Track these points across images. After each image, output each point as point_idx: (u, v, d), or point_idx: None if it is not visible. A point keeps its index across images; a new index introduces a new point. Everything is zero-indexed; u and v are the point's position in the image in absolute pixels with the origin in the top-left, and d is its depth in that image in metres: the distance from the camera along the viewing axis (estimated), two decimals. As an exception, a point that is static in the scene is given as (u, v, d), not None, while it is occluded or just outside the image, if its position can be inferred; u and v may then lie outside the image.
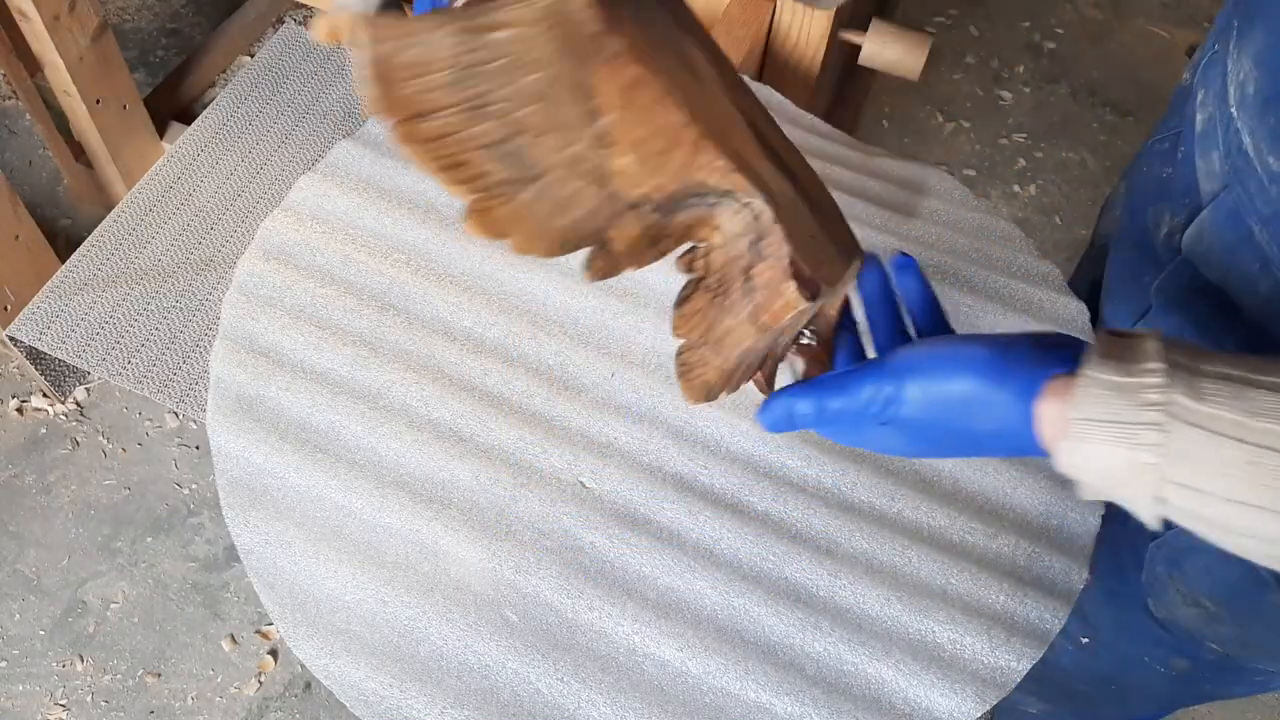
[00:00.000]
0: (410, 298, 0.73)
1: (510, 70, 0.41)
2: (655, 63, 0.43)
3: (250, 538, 0.64)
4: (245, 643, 1.39)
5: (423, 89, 0.40)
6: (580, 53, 0.41)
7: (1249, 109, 0.57)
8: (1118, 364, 0.44)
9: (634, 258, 0.47)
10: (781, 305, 0.47)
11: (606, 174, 0.44)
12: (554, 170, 0.43)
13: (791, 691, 0.60)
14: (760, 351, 0.51)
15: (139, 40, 1.96)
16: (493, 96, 0.41)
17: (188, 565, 1.44)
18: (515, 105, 0.42)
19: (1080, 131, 1.95)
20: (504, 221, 0.43)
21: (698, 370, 0.50)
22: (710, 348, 0.49)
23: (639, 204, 0.45)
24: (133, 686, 1.36)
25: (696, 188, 0.46)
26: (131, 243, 1.42)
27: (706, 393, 0.50)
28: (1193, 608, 0.70)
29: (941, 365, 0.48)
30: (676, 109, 0.43)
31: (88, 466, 1.51)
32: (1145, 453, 0.43)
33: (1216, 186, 0.60)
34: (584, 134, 0.43)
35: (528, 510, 0.65)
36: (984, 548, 0.65)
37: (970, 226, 0.80)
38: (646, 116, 0.43)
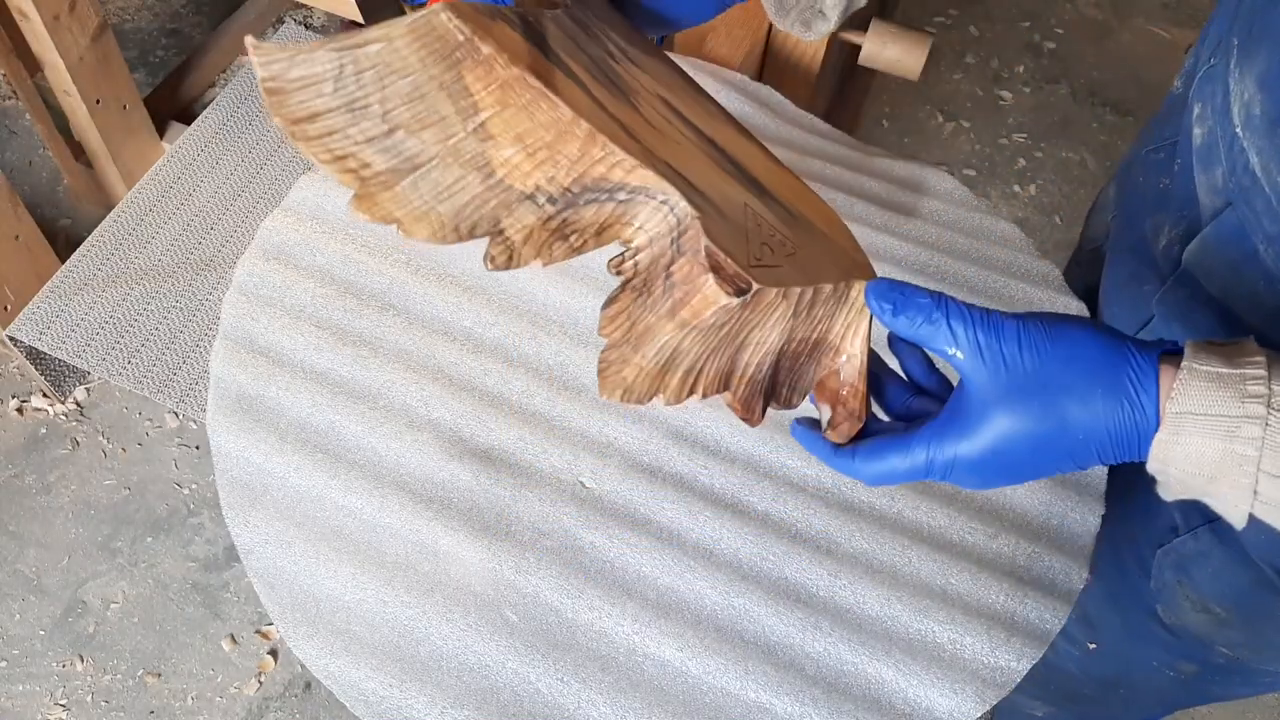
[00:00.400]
0: (410, 298, 0.73)
1: (383, 74, 0.47)
2: (535, 65, 0.47)
3: (250, 538, 0.64)
4: (245, 643, 1.39)
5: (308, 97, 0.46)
6: (451, 58, 0.47)
7: (1256, 129, 0.56)
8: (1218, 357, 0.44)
9: (536, 249, 0.49)
10: (700, 300, 0.47)
11: (490, 165, 0.48)
12: (435, 159, 0.47)
13: (791, 691, 0.60)
14: (702, 356, 0.50)
15: (139, 40, 1.96)
16: (369, 98, 0.47)
17: (188, 565, 1.44)
18: (390, 106, 0.47)
19: (1080, 131, 1.95)
20: (387, 204, 0.47)
21: (615, 367, 0.51)
22: (630, 345, 0.50)
23: (533, 195, 0.48)
24: (133, 686, 1.36)
25: (599, 182, 0.48)
26: (131, 243, 1.42)
27: (623, 390, 0.50)
28: (1202, 613, 0.70)
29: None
30: (558, 105, 0.46)
31: (88, 466, 1.51)
32: (1245, 445, 0.42)
33: (1219, 203, 0.60)
34: (462, 128, 0.47)
35: (528, 510, 0.65)
36: (984, 548, 0.65)
37: (970, 226, 0.80)
38: (527, 113, 0.47)
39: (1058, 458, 0.48)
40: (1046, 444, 0.47)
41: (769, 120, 0.86)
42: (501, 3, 0.54)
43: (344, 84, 0.47)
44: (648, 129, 0.50)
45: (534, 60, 0.48)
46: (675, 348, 0.49)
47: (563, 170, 0.48)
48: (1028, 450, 0.47)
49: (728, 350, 0.51)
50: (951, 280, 0.76)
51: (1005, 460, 0.48)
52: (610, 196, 0.49)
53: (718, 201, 0.49)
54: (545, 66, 0.48)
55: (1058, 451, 0.47)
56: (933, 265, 0.77)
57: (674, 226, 0.48)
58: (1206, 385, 0.43)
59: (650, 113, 0.52)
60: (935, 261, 0.77)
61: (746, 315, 0.49)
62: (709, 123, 0.54)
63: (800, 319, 0.51)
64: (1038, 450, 0.47)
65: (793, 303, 0.50)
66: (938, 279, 0.76)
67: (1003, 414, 0.47)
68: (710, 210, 0.48)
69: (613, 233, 0.50)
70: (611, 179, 0.48)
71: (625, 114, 0.49)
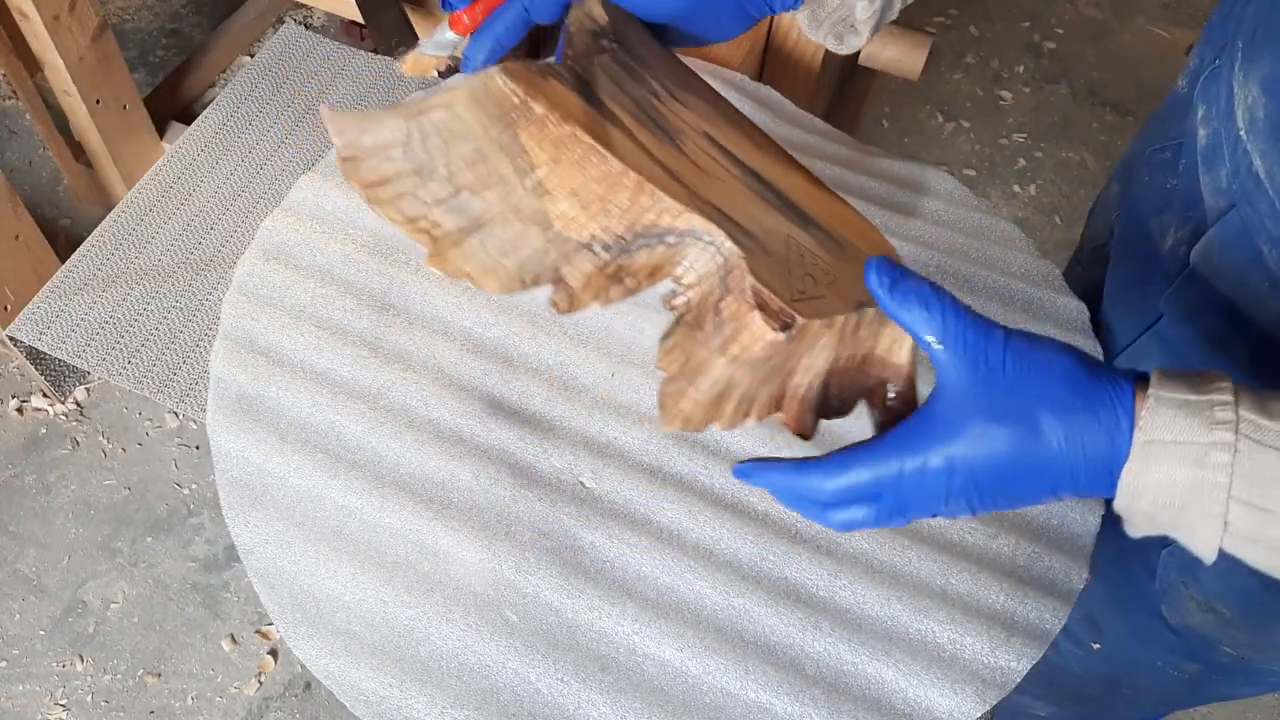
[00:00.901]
0: (410, 298, 0.73)
1: (447, 139, 0.50)
2: (585, 120, 0.50)
3: (250, 538, 0.64)
4: (245, 643, 1.40)
5: (380, 163, 0.50)
6: (507, 119, 0.50)
7: (1259, 133, 0.56)
8: (1185, 385, 0.44)
9: (595, 293, 0.52)
10: (748, 336, 0.49)
11: (549, 218, 0.51)
12: (498, 217, 0.51)
13: (791, 691, 0.60)
14: (754, 386, 0.51)
15: (139, 40, 1.96)
16: (435, 163, 0.50)
17: (188, 565, 1.45)
18: (455, 168, 0.50)
19: (1080, 131, 1.95)
20: (457, 261, 0.51)
21: (673, 399, 0.52)
22: (686, 379, 0.52)
23: (589, 244, 0.51)
24: (133, 686, 1.36)
25: (650, 228, 0.51)
26: (131, 243, 1.42)
27: (683, 421, 0.52)
28: (1208, 614, 0.70)
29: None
30: (608, 158, 0.49)
31: (88, 466, 1.51)
32: (1216, 472, 0.42)
33: (1223, 204, 0.60)
34: (521, 185, 0.50)
35: (528, 510, 0.65)
36: (984, 548, 0.65)
37: (970, 226, 0.80)
38: (579, 167, 0.50)
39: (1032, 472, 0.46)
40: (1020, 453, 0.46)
41: (769, 120, 0.86)
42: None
43: (412, 150, 0.50)
44: (692, 170, 0.52)
45: (584, 115, 0.50)
46: (728, 379, 0.51)
47: (615, 219, 0.50)
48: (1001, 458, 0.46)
49: (778, 377, 0.52)
50: (952, 280, 0.76)
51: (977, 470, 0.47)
52: (661, 240, 0.51)
53: (761, 237, 0.51)
54: (595, 120, 0.50)
55: (1031, 463, 0.46)
56: (933, 265, 0.77)
57: (721, 265, 0.50)
58: (1175, 413, 0.43)
59: (694, 151, 0.53)
60: (935, 261, 0.77)
61: (793, 346, 0.51)
62: (750, 152, 0.55)
63: (846, 340, 0.52)
64: (1012, 460, 0.46)
65: (837, 329, 0.51)
66: (938, 278, 0.76)
67: (977, 416, 0.46)
68: (754, 247, 0.50)
69: (664, 273, 0.52)
70: (661, 224, 0.50)
71: (671, 157, 0.51)
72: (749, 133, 0.57)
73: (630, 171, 0.49)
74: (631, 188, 0.50)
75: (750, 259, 0.50)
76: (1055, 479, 0.46)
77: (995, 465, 0.46)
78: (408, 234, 0.51)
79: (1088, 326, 0.75)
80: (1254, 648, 0.72)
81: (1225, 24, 0.63)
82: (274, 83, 1.59)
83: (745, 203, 0.53)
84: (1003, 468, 0.46)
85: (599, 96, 0.51)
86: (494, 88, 0.49)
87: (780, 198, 0.54)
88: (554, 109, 0.49)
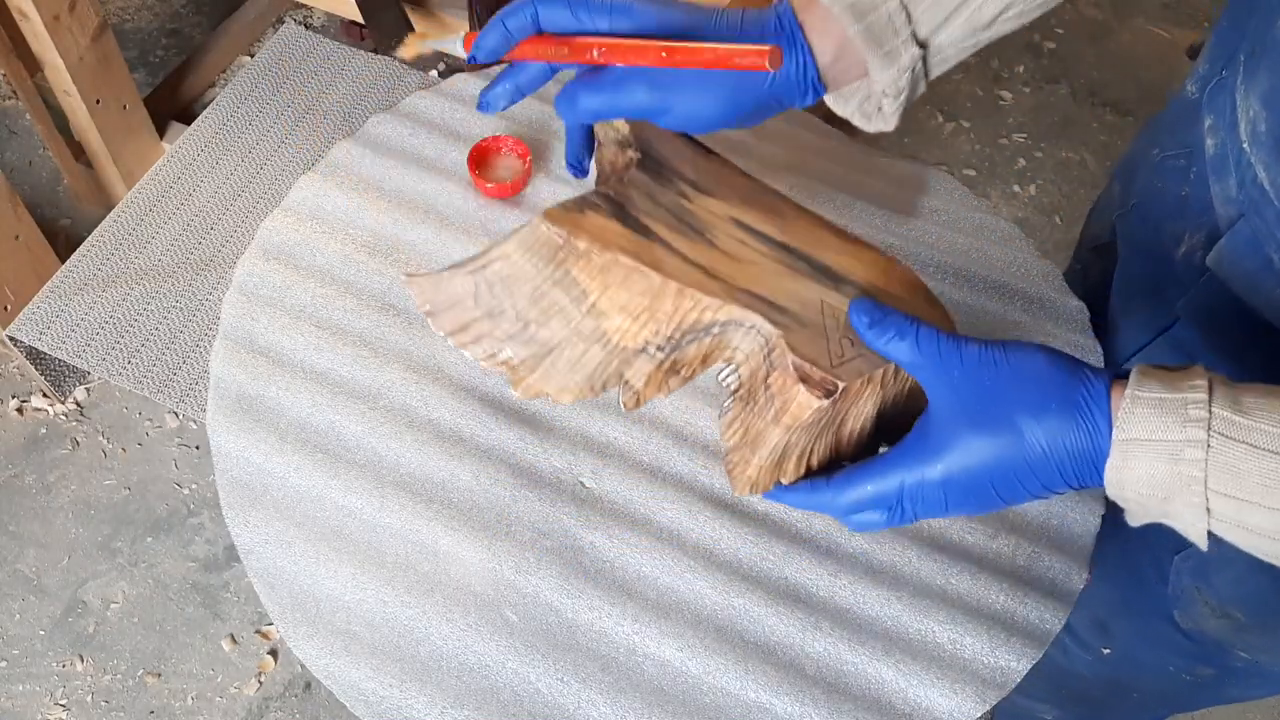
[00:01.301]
0: (410, 298, 0.73)
1: (509, 284, 0.56)
2: (624, 244, 0.55)
3: (250, 537, 0.64)
4: (245, 643, 1.40)
5: (457, 313, 0.58)
6: (556, 258, 0.55)
7: (1262, 145, 0.57)
8: (1162, 383, 0.45)
9: (658, 387, 0.58)
10: (796, 407, 0.54)
11: (606, 335, 0.56)
12: (563, 341, 0.57)
13: (791, 691, 0.60)
14: (810, 441, 0.56)
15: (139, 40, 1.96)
16: (503, 305, 0.57)
17: (188, 565, 1.45)
18: (519, 307, 0.57)
19: (1080, 131, 1.95)
20: (536, 384, 0.58)
21: (739, 468, 0.58)
22: (748, 447, 0.57)
23: (644, 348, 0.57)
24: (133, 686, 1.36)
25: (695, 325, 0.56)
26: (131, 243, 1.42)
27: (750, 486, 0.57)
28: (1221, 619, 0.70)
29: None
30: (648, 274, 0.54)
31: (88, 466, 1.51)
32: (1191, 466, 0.44)
33: (1233, 213, 0.61)
34: (578, 312, 0.56)
35: (528, 510, 0.65)
36: (984, 548, 0.65)
37: (970, 226, 0.80)
38: (625, 287, 0.55)
39: (1020, 474, 0.49)
40: (1006, 458, 0.49)
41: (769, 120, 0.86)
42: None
43: (481, 298, 0.57)
44: (726, 261, 0.57)
45: (623, 238, 0.55)
46: (786, 444, 0.56)
47: (663, 324, 0.56)
48: (989, 464, 0.49)
49: (832, 428, 0.57)
50: (951, 279, 0.77)
51: (971, 478, 0.50)
52: (706, 332, 0.56)
53: (797, 311, 0.56)
54: (633, 240, 0.55)
55: (1018, 466, 0.49)
56: (933, 265, 0.77)
57: (764, 345, 0.56)
58: (1149, 412, 0.45)
59: (725, 241, 0.58)
60: (935, 261, 0.77)
61: (841, 404, 0.55)
62: (779, 224, 0.60)
63: (889, 383, 0.56)
64: (999, 465, 0.49)
65: (879, 381, 0.56)
66: (938, 278, 0.76)
67: (963, 428, 0.50)
68: (791, 323, 0.55)
69: (715, 358, 0.58)
70: (704, 320, 0.56)
71: (705, 255, 0.57)
72: (773, 204, 0.61)
73: (670, 281, 0.54)
74: (673, 294, 0.55)
75: (788, 336, 0.54)
76: (1045, 477, 0.49)
77: (985, 472, 0.49)
78: (490, 367, 0.58)
79: (1088, 326, 0.75)
80: (1269, 651, 0.72)
81: (1231, 35, 0.63)
82: (274, 83, 1.59)
83: (778, 280, 0.57)
84: (992, 473, 0.49)
85: (634, 215, 0.57)
86: (540, 233, 0.55)
87: (811, 263, 0.58)
88: (595, 241, 0.54)
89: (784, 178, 0.81)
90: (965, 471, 0.50)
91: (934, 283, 0.76)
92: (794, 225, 0.60)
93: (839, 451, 0.58)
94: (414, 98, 0.84)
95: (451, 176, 0.79)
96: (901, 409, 0.59)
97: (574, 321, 0.56)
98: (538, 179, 0.80)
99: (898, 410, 0.59)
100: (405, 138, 0.81)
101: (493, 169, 0.79)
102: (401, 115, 0.83)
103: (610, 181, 0.60)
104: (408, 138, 0.81)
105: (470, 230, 0.77)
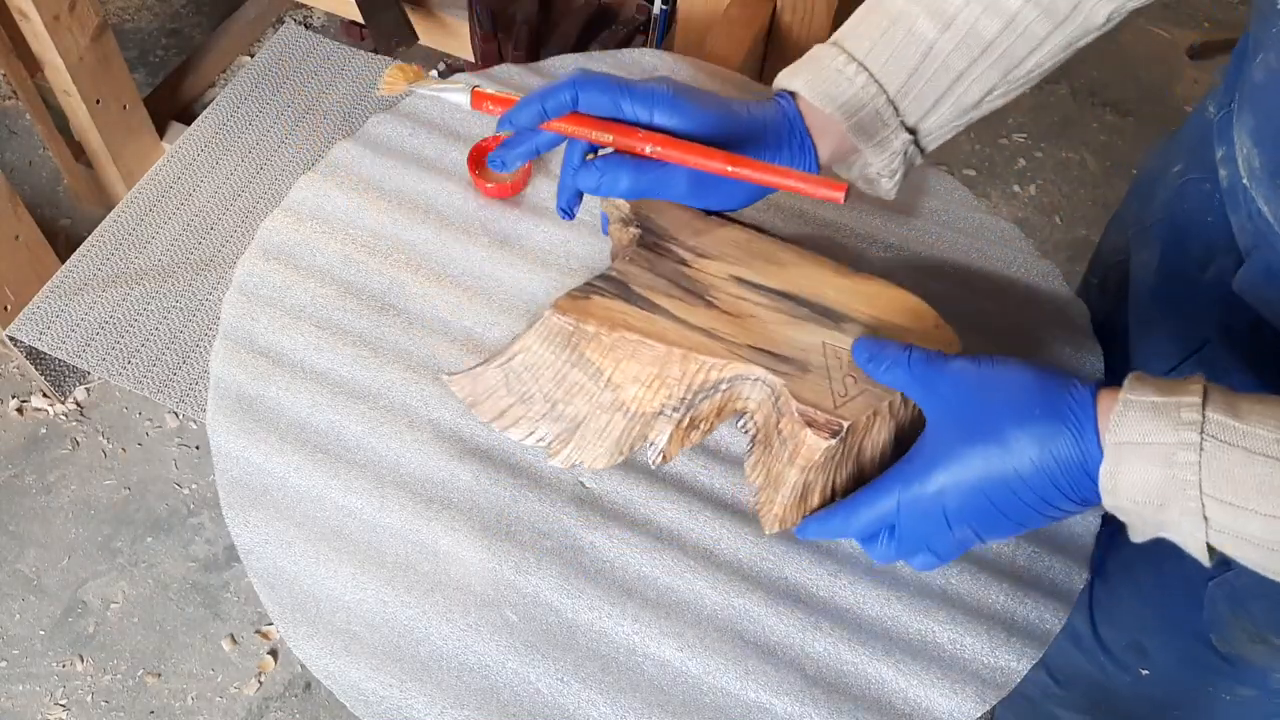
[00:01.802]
0: (410, 298, 0.73)
1: (534, 372, 0.63)
2: (628, 320, 0.60)
3: (250, 537, 0.64)
4: (245, 643, 1.40)
5: (493, 401, 0.65)
6: (570, 342, 0.61)
7: (1260, 181, 0.58)
8: (1155, 389, 0.45)
9: (680, 443, 0.64)
10: (808, 449, 0.58)
11: (625, 404, 0.62)
12: (588, 415, 0.63)
13: (791, 691, 0.60)
14: (831, 475, 0.60)
15: (139, 40, 1.96)
16: (531, 390, 0.64)
17: (188, 565, 1.45)
18: (546, 389, 0.63)
19: (1080, 131, 1.95)
20: (569, 455, 0.64)
21: (766, 507, 0.62)
22: (772, 488, 0.62)
23: (661, 411, 0.62)
24: (133, 686, 1.36)
25: (704, 384, 0.61)
26: (131, 243, 1.42)
27: (779, 523, 0.62)
28: (1259, 644, 0.69)
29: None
30: (653, 345, 0.59)
31: (88, 466, 1.51)
32: (1184, 470, 0.44)
33: (1248, 243, 0.61)
34: (597, 387, 0.62)
35: (528, 510, 0.65)
36: (984, 548, 0.65)
37: (970, 226, 0.80)
38: (635, 359, 0.60)
39: (1013, 484, 0.49)
40: (996, 467, 0.49)
41: (769, 120, 0.86)
42: None
43: (512, 386, 0.64)
44: (726, 320, 0.61)
45: (627, 316, 0.60)
46: (805, 482, 0.60)
47: (674, 387, 0.61)
48: (980, 475, 0.50)
49: (850, 459, 0.60)
50: (951, 280, 0.77)
51: (964, 490, 0.51)
52: (716, 390, 0.61)
53: (799, 357, 0.60)
54: (637, 316, 0.61)
55: (1009, 476, 0.49)
56: (933, 265, 0.77)
57: (771, 394, 0.60)
58: (1142, 415, 0.45)
59: (725, 300, 0.62)
60: (935, 261, 0.77)
61: (852, 438, 0.59)
62: (778, 273, 0.64)
63: (899, 410, 0.59)
64: (990, 475, 0.50)
65: (887, 411, 0.59)
66: (938, 279, 0.76)
67: (954, 442, 0.51)
68: (793, 370, 0.59)
69: (730, 410, 0.63)
70: (711, 379, 0.61)
71: (706, 318, 0.61)
72: (771, 253, 0.65)
73: (674, 349, 0.59)
74: (679, 360, 0.60)
75: (791, 384, 0.58)
76: (1040, 488, 0.49)
77: (978, 483, 0.50)
78: (529, 443, 0.65)
79: (1088, 327, 0.75)
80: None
81: (1238, 67, 0.63)
82: (274, 83, 1.59)
83: (779, 329, 0.61)
84: (984, 484, 0.50)
85: (636, 291, 0.62)
86: (553, 324, 0.61)
87: (812, 306, 0.62)
88: (602, 323, 0.60)
89: (784, 178, 0.81)
90: (958, 485, 0.51)
91: (934, 283, 0.76)
92: (793, 271, 0.64)
93: (863, 479, 0.61)
94: (414, 98, 0.84)
95: (451, 176, 0.79)
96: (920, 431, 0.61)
97: (595, 396, 0.62)
98: (538, 179, 0.80)
99: (916, 432, 0.61)
100: (405, 138, 0.81)
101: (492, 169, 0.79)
102: (401, 115, 0.83)
103: (619, 257, 0.65)
104: (408, 138, 0.81)
105: (470, 230, 0.77)
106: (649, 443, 0.64)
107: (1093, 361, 0.73)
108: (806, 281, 0.63)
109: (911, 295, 0.63)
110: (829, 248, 0.77)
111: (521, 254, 0.76)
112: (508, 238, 0.76)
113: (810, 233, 0.79)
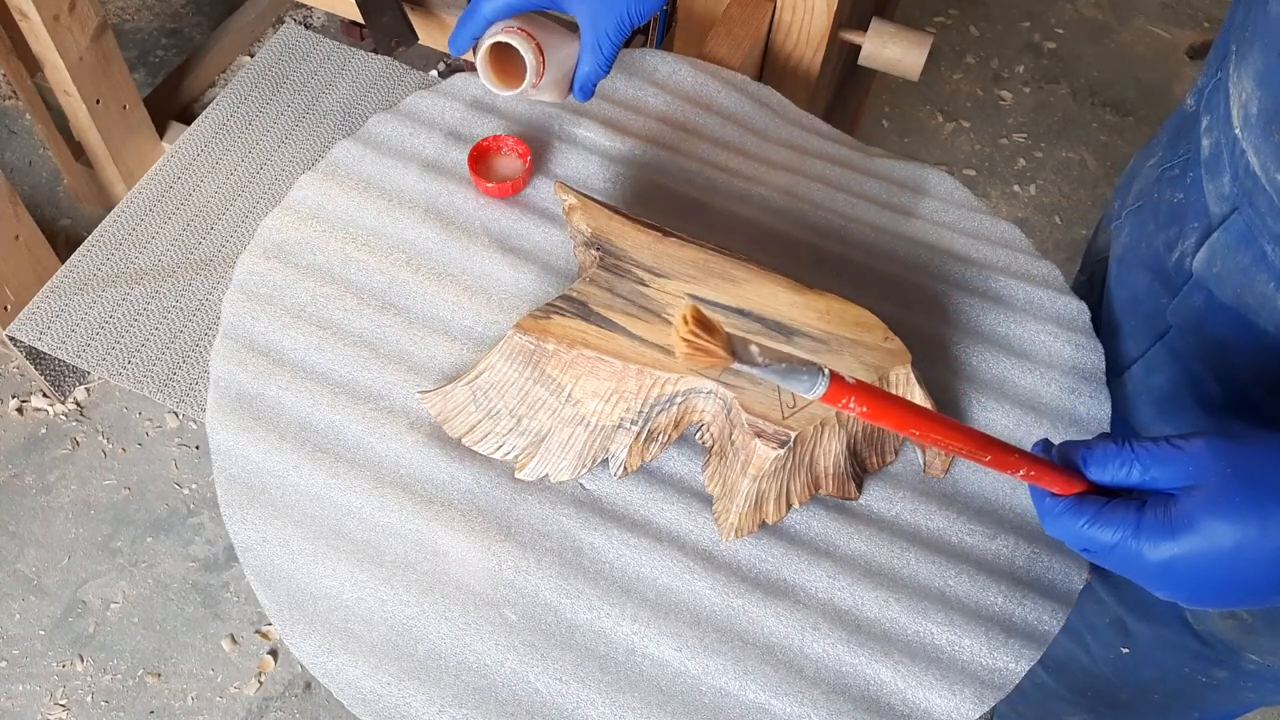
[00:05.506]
0: (410, 298, 0.73)
1: (499, 389, 0.65)
2: (587, 338, 0.62)
3: (248, 535, 0.64)
4: (245, 643, 1.40)
5: (463, 416, 0.66)
6: (532, 359, 0.64)
7: (1253, 129, 0.57)
8: None
9: (640, 455, 0.65)
10: (758, 458, 0.60)
11: (585, 418, 0.64)
12: (552, 429, 0.65)
13: (790, 692, 0.60)
14: (784, 484, 0.63)
15: (139, 40, 1.96)
16: (497, 406, 0.65)
17: (188, 565, 1.45)
18: (511, 405, 0.65)
19: (1080, 131, 1.95)
20: (535, 466, 0.66)
21: (723, 516, 0.64)
22: (728, 498, 0.63)
23: (620, 424, 0.64)
24: (133, 686, 1.36)
25: (660, 398, 0.63)
26: (131, 243, 1.42)
27: (735, 531, 0.64)
28: (1229, 619, 0.70)
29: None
30: (610, 360, 0.62)
31: (88, 466, 1.51)
32: None
33: (1226, 209, 0.61)
34: (559, 402, 0.64)
35: (528, 510, 0.65)
36: (983, 549, 0.65)
37: (970, 226, 0.80)
38: (593, 375, 0.63)
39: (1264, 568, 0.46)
40: (1250, 546, 0.46)
41: (769, 120, 0.86)
42: None
43: (479, 402, 0.66)
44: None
45: (586, 334, 0.63)
46: (759, 491, 0.62)
47: (632, 401, 0.63)
48: (1230, 552, 0.46)
49: (802, 470, 0.63)
50: (951, 281, 0.76)
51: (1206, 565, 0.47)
52: (671, 402, 0.64)
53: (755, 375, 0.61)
54: (595, 333, 0.63)
55: (1263, 557, 0.46)
56: (933, 265, 0.77)
57: (723, 406, 0.63)
58: None
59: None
60: (935, 262, 0.77)
61: (802, 448, 0.61)
62: (732, 290, 0.66)
63: (851, 420, 0.62)
64: (1240, 553, 0.46)
65: (834, 420, 0.61)
66: (938, 279, 0.76)
67: (1208, 518, 0.46)
68: (744, 383, 0.62)
69: (686, 421, 0.65)
70: (666, 393, 0.63)
71: (660, 334, 0.63)
72: (726, 271, 0.67)
73: (630, 364, 0.62)
74: (635, 375, 0.62)
75: (740, 396, 0.61)
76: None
77: (1224, 558, 0.46)
78: (499, 457, 0.66)
79: (1088, 326, 0.75)
80: (1275, 653, 0.72)
81: (1226, 37, 0.63)
82: (274, 83, 1.59)
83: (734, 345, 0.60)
84: (1231, 558, 0.46)
85: (595, 310, 0.64)
86: (515, 343, 0.63)
87: (764, 322, 0.65)
88: (561, 340, 0.62)
89: (783, 178, 0.81)
90: (1205, 557, 0.47)
91: (934, 283, 0.76)
92: (747, 288, 0.66)
93: (818, 487, 0.65)
94: (414, 98, 0.84)
95: (451, 176, 0.79)
96: (875, 441, 0.66)
97: (557, 411, 0.64)
98: (538, 179, 0.80)
99: (870, 444, 0.66)
100: (405, 138, 0.81)
101: (493, 169, 0.79)
102: (401, 115, 0.83)
103: (584, 276, 0.68)
104: (408, 138, 0.81)
105: (470, 230, 0.77)
106: (610, 454, 0.65)
107: (1094, 361, 0.73)
108: (759, 298, 0.66)
109: (863, 310, 0.66)
110: (822, 248, 0.77)
111: (521, 254, 0.76)
112: (508, 238, 0.76)
113: (814, 228, 0.79)
